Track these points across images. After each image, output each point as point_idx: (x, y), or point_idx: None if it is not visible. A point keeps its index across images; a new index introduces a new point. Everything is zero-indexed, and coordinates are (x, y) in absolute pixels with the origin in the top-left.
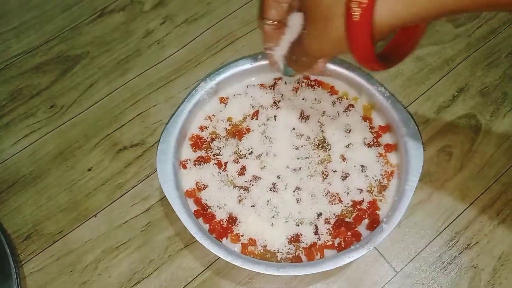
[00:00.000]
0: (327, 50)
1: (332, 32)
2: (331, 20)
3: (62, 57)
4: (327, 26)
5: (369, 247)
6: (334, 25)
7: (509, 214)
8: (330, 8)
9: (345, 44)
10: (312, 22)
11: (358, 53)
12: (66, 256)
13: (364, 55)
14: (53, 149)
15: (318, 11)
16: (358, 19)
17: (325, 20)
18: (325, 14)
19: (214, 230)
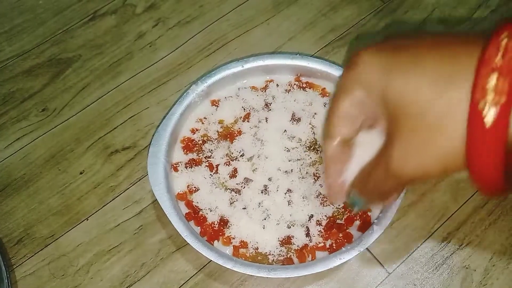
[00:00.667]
0: (430, 167)
1: (443, 146)
2: (443, 130)
3: (54, 60)
4: (434, 138)
5: (360, 249)
6: (446, 136)
7: (500, 215)
8: (443, 115)
9: (459, 161)
10: (410, 136)
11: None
12: (58, 259)
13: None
14: (45, 152)
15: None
16: (491, 127)
17: (432, 130)
18: (434, 122)
19: (205, 233)
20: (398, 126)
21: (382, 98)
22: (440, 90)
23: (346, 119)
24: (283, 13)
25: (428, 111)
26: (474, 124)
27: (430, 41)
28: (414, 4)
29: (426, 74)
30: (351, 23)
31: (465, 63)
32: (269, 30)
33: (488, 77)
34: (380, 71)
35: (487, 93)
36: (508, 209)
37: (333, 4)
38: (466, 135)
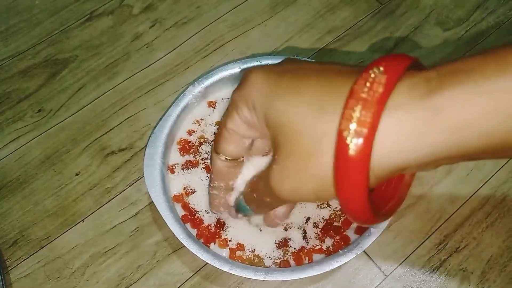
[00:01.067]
0: (303, 192)
1: (315, 170)
2: (316, 154)
3: (50, 61)
4: (309, 162)
5: (357, 251)
6: (319, 161)
7: (498, 217)
8: (316, 140)
9: (330, 186)
10: (287, 156)
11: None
12: (53, 261)
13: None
14: (41, 153)
15: (298, 143)
16: (354, 155)
17: (307, 154)
18: (309, 146)
19: (202, 235)
20: (278, 148)
21: (264, 118)
22: (314, 117)
23: (234, 136)
24: (281, 15)
25: (303, 136)
26: (340, 153)
27: (315, 68)
28: (412, 5)
29: (303, 100)
30: (349, 24)
31: (339, 93)
32: (266, 32)
33: (354, 108)
34: (264, 93)
35: (351, 123)
36: (505, 211)
37: (331, 5)
38: (334, 164)
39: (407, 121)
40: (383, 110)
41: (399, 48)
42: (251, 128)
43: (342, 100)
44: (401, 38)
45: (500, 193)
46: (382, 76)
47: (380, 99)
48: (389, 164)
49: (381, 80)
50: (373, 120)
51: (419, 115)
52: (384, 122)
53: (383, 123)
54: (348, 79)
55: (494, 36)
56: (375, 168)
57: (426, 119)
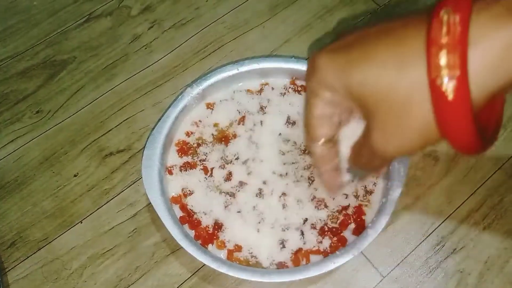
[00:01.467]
0: (409, 144)
1: (416, 123)
2: (411, 109)
3: (48, 62)
4: (406, 118)
5: (354, 252)
6: (416, 114)
7: (495, 219)
8: (406, 95)
9: (435, 133)
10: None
11: (459, 139)
12: (51, 263)
13: (468, 139)
14: (39, 154)
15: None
16: (453, 99)
17: (401, 111)
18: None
19: (199, 237)
20: (371, 113)
21: (348, 94)
22: (397, 75)
23: (323, 120)
24: (279, 16)
25: (392, 96)
26: (438, 99)
27: (375, 31)
28: (409, 6)
29: (379, 63)
30: (347, 25)
31: (415, 44)
32: (264, 33)
33: (439, 55)
34: (337, 71)
35: (441, 70)
36: (503, 212)
37: (329, 7)
38: (434, 111)
39: (494, 49)
40: (468, 48)
41: None
42: (335, 107)
43: (421, 50)
44: None
45: (497, 194)
46: (454, 15)
47: (461, 39)
48: (486, 93)
49: (455, 20)
50: (462, 61)
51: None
52: (473, 57)
53: (471, 59)
54: (417, 29)
55: None
56: (475, 99)
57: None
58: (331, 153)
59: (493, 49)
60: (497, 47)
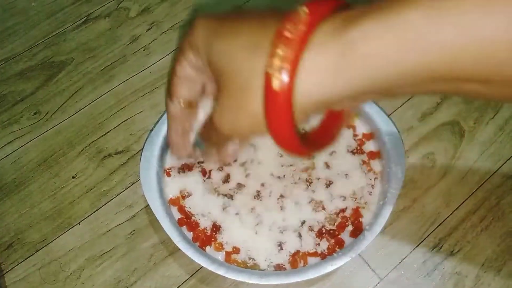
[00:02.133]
0: (241, 128)
1: (249, 107)
2: (249, 92)
3: (46, 63)
4: (243, 99)
5: (352, 255)
6: (251, 98)
7: (492, 221)
8: (249, 77)
9: (262, 122)
10: (226, 95)
11: (276, 133)
12: (49, 265)
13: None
14: (37, 156)
15: (234, 81)
16: (279, 88)
17: (241, 92)
18: (243, 84)
19: (197, 238)
20: (219, 88)
21: (208, 62)
22: (247, 57)
23: (184, 81)
24: None
25: (238, 75)
26: (267, 89)
27: (255, 13)
28: None
29: (240, 41)
30: None
31: (269, 33)
32: None
33: (278, 47)
34: (206, 37)
35: (275, 61)
36: (500, 215)
37: None
38: (263, 100)
39: (326, 57)
40: (304, 48)
41: None
42: (199, 73)
43: (270, 40)
44: None
45: (495, 197)
46: (306, 16)
47: (302, 38)
48: (312, 99)
49: (304, 20)
50: (295, 57)
51: (335, 51)
52: (306, 59)
53: (305, 60)
54: (279, 21)
55: None
56: (300, 102)
57: (342, 53)
58: (183, 115)
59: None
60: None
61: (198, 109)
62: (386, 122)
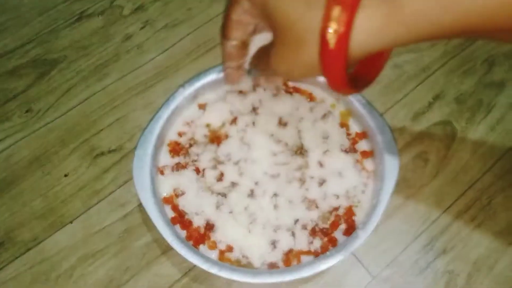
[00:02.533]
0: (297, 74)
1: (305, 57)
2: (304, 45)
3: (38, 61)
4: (299, 50)
5: (345, 253)
6: (307, 51)
7: (484, 220)
8: (304, 32)
9: (317, 70)
10: (282, 44)
11: (332, 80)
12: (41, 264)
13: (338, 82)
14: (29, 154)
15: (290, 34)
16: (334, 48)
17: (297, 43)
18: (298, 38)
19: (191, 237)
20: (275, 35)
21: (262, 11)
22: (302, 11)
23: (239, 25)
24: None
25: (293, 28)
26: (323, 45)
27: None
28: None
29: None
30: None
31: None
32: None
33: (333, 9)
34: None
35: (331, 22)
36: (492, 214)
37: None
38: (319, 52)
39: (375, 16)
40: (356, 11)
41: None
42: (252, 17)
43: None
44: None
45: (486, 196)
46: None
47: (354, 1)
48: (363, 50)
49: None
50: (348, 20)
51: (383, 11)
52: (359, 18)
53: (357, 19)
54: None
55: (482, 41)
56: (352, 53)
57: (389, 13)
58: (239, 53)
59: (377, 16)
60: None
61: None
62: (379, 121)
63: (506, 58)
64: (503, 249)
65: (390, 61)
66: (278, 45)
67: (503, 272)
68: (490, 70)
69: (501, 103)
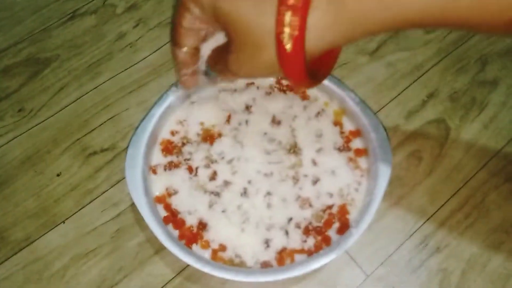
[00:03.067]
0: (258, 75)
1: (264, 60)
2: (262, 48)
3: (31, 60)
4: (257, 54)
5: (338, 252)
6: (265, 54)
7: (477, 218)
8: (260, 37)
9: (277, 71)
10: (239, 48)
11: (293, 79)
12: (33, 263)
13: (299, 79)
14: (21, 153)
15: (246, 38)
16: (291, 51)
17: (254, 47)
18: (255, 42)
19: (184, 236)
20: (231, 40)
21: (213, 15)
22: (255, 17)
23: (190, 31)
24: None
25: (250, 31)
26: (279, 49)
27: None
28: None
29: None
30: None
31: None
32: None
33: (285, 14)
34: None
35: (284, 27)
36: (485, 212)
37: None
38: (277, 55)
39: (324, 17)
40: (308, 12)
41: (382, 50)
42: (204, 23)
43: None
44: (383, 40)
45: (480, 194)
46: None
47: (304, 5)
48: (318, 47)
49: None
50: (301, 23)
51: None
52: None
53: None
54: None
55: (475, 39)
56: (308, 51)
57: (336, 12)
58: (192, 60)
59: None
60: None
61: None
62: (372, 119)
63: (499, 56)
64: (496, 247)
65: (383, 59)
66: (235, 49)
67: (497, 269)
68: (483, 69)
69: (494, 102)
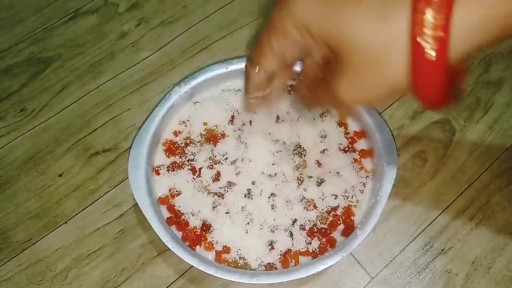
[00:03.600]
0: (375, 97)
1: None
2: (387, 61)
3: (33, 60)
4: (379, 69)
5: (343, 254)
6: (391, 67)
7: (482, 219)
8: (381, 49)
9: (402, 89)
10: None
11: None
12: (35, 264)
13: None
14: (23, 154)
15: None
16: (434, 58)
17: (377, 62)
18: (374, 57)
19: (187, 238)
20: (342, 60)
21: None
22: (377, 26)
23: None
24: None
25: (371, 44)
26: (418, 57)
27: None
28: None
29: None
30: None
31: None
32: (253, 32)
33: (424, 13)
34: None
35: (425, 29)
36: (489, 213)
37: None
38: (411, 66)
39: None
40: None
41: None
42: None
43: (406, 4)
44: None
45: (484, 195)
46: None
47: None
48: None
49: None
50: (447, 22)
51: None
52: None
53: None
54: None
55: None
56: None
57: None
58: (266, 84)
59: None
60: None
61: None
62: (377, 120)
63: (503, 57)
64: (500, 249)
65: None
66: (346, 72)
67: (501, 271)
68: (487, 69)
69: (499, 102)
